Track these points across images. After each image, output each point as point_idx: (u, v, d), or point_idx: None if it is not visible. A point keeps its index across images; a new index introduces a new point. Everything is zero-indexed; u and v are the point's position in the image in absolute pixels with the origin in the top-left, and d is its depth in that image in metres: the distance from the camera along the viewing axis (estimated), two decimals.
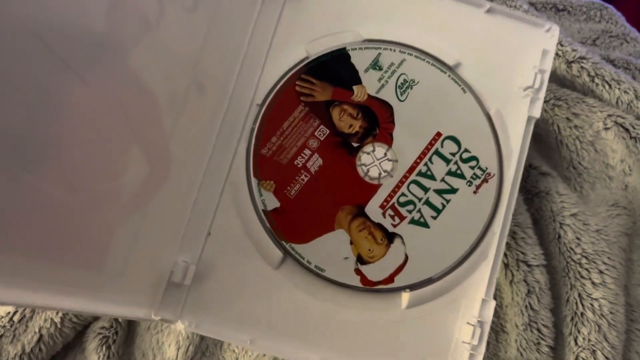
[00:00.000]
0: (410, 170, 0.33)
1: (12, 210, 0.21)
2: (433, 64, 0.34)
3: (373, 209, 0.32)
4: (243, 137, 0.32)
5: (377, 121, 0.33)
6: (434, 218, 0.32)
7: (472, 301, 0.31)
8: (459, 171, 0.33)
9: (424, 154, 0.33)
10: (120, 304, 0.27)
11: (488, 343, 0.36)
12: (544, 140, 0.43)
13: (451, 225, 0.32)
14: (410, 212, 0.32)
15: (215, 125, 0.32)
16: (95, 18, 0.23)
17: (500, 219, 0.32)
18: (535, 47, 0.34)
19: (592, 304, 0.35)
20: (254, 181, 0.32)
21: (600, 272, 0.36)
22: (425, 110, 0.33)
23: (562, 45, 0.42)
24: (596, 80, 0.40)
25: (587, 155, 0.41)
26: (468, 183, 0.32)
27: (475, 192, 0.32)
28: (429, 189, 0.32)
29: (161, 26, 0.27)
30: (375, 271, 0.31)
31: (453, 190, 0.32)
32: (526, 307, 0.35)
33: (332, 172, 0.32)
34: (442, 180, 0.32)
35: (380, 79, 0.33)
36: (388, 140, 0.33)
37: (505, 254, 0.36)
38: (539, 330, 0.35)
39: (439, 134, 0.33)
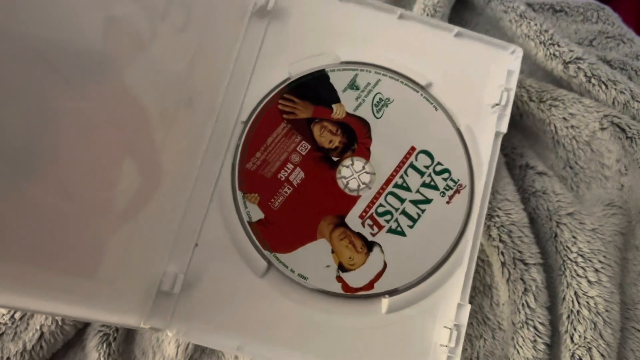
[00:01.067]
0: (387, 182, 0.35)
1: (9, 217, 0.22)
2: (406, 84, 0.36)
3: (353, 219, 0.34)
4: (229, 152, 0.34)
5: (355, 137, 0.35)
6: (410, 227, 0.34)
7: (449, 306, 0.33)
8: (432, 183, 0.35)
9: (399, 167, 0.35)
10: (112, 311, 0.28)
11: (485, 340, 0.37)
12: (540, 140, 0.43)
13: (427, 234, 0.34)
14: (387, 221, 0.34)
15: (203, 141, 0.34)
16: (93, 38, 0.25)
17: (472, 227, 0.34)
18: (501, 67, 0.37)
19: (587, 302, 0.35)
20: (239, 194, 0.33)
21: (596, 270, 0.36)
22: (400, 127, 0.36)
23: (559, 45, 0.42)
24: (593, 80, 0.41)
25: (584, 155, 0.41)
26: (441, 194, 0.35)
27: (448, 202, 0.34)
28: (405, 199, 0.34)
29: (153, 45, 0.29)
30: (355, 278, 0.33)
31: (427, 201, 0.34)
32: (523, 305, 0.35)
33: (313, 185, 0.34)
34: (417, 191, 0.34)
35: (357, 98, 0.36)
36: (366, 154, 0.35)
37: (502, 253, 0.36)
38: (535, 328, 0.35)
39: (413, 149, 0.35)
